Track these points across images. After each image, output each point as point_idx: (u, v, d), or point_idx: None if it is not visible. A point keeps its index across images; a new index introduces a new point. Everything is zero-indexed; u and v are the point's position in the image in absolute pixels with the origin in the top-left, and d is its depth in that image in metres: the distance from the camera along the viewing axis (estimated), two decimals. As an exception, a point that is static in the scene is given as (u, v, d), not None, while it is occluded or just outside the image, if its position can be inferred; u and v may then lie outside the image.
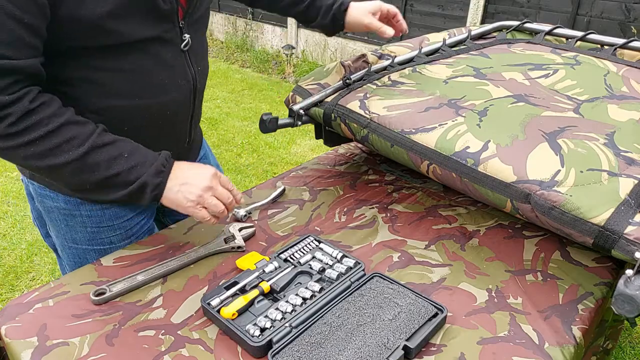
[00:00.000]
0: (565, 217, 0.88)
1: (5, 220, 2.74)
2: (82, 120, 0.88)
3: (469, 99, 1.19)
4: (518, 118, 1.10)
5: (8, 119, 0.80)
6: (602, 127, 1.08)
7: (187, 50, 1.01)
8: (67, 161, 0.85)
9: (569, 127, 1.07)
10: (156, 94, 0.98)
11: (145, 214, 1.16)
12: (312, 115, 1.31)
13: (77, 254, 1.11)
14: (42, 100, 0.84)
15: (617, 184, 0.90)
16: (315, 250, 1.02)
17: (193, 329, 0.85)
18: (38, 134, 0.83)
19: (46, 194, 1.06)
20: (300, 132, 4.01)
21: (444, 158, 1.03)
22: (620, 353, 1.94)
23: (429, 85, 1.28)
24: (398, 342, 0.79)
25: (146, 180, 0.91)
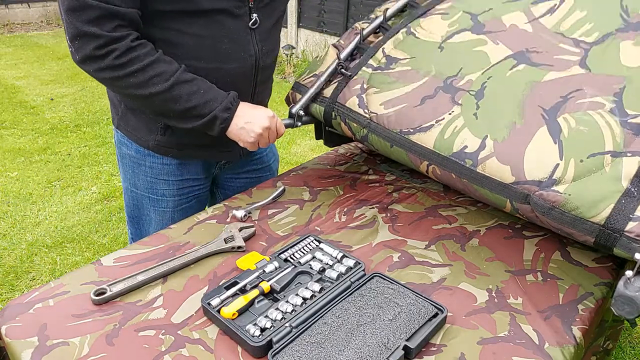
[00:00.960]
0: (565, 217, 0.88)
1: (5, 220, 2.74)
2: (169, 60, 1.06)
3: (465, 74, 1.11)
4: (517, 92, 1.02)
5: (115, 53, 0.98)
6: (610, 83, 0.97)
7: (254, 28, 1.14)
8: (157, 92, 1.03)
9: (573, 93, 0.98)
10: (220, 60, 1.11)
11: (199, 182, 1.34)
12: (312, 114, 1.30)
13: (135, 197, 1.33)
14: (140, 42, 1.02)
15: (620, 167, 0.86)
16: (316, 250, 1.02)
17: (193, 329, 0.85)
18: (136, 67, 1.01)
19: (124, 142, 1.27)
20: (300, 132, 4.01)
21: (443, 159, 1.03)
22: (620, 353, 1.94)
23: (424, 57, 1.19)
24: (398, 342, 0.79)
25: (216, 114, 1.09)
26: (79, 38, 0.97)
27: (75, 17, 0.94)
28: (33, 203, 2.92)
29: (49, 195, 3.01)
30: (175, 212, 1.32)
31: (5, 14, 8.05)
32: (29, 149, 3.62)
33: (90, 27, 0.95)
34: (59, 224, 2.73)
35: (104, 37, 0.96)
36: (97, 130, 3.99)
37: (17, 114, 4.29)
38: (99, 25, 0.96)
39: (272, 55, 1.24)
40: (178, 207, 1.32)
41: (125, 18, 0.98)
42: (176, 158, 1.26)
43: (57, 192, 3.05)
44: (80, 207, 2.90)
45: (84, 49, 0.98)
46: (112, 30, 0.97)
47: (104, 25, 0.96)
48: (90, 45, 0.97)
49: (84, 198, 2.99)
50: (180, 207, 1.33)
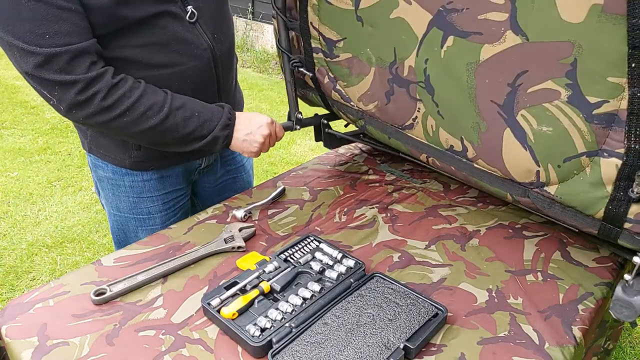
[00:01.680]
0: (566, 212, 0.88)
1: (5, 220, 2.74)
2: (154, 88, 1.03)
3: (402, 57, 1.04)
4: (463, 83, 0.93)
5: (99, 95, 0.94)
6: (556, 56, 0.79)
7: (195, 20, 1.08)
8: (152, 125, 1.01)
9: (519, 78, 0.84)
10: (174, 64, 1.07)
11: (181, 192, 1.30)
12: (312, 101, 1.30)
13: (120, 221, 1.27)
14: (120, 77, 0.98)
15: (599, 171, 0.81)
16: (316, 251, 1.02)
17: (193, 329, 0.85)
18: (126, 106, 0.97)
19: (99, 165, 1.21)
20: (301, 132, 4.01)
21: (440, 153, 1.03)
22: (621, 353, 1.94)
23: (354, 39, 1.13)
24: (398, 342, 0.79)
25: (217, 135, 1.08)
26: (57, 88, 0.92)
27: (45, 72, 0.90)
28: (33, 203, 2.92)
29: (49, 195, 3.01)
30: (164, 227, 1.25)
31: (5, 14, 8.04)
32: (29, 149, 3.62)
33: (63, 75, 0.91)
34: (59, 224, 2.73)
35: (81, 80, 0.92)
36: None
37: (17, 114, 4.29)
38: (71, 71, 0.91)
39: (228, 41, 1.19)
40: (166, 222, 1.28)
41: (91, 52, 0.94)
42: (157, 170, 1.21)
43: (57, 192, 3.05)
44: (80, 207, 2.90)
45: (66, 97, 0.93)
46: (87, 70, 0.92)
47: (76, 68, 0.91)
48: (70, 92, 0.92)
49: (84, 198, 2.99)
50: (168, 221, 1.29)
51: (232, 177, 1.43)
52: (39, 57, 0.89)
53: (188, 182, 1.32)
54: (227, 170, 1.41)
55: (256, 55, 6.26)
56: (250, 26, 6.69)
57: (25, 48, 0.88)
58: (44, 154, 3.55)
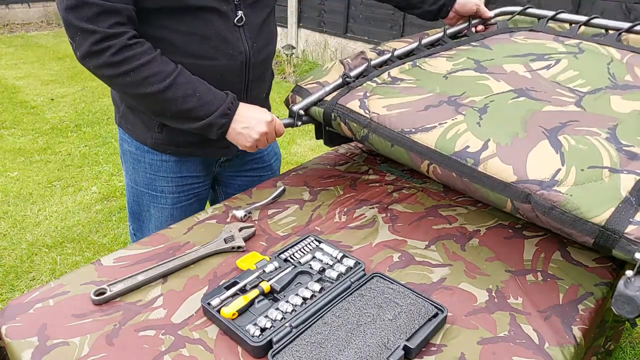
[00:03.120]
0: (565, 217, 0.88)
1: (5, 220, 2.74)
2: (166, 60, 1.06)
3: (469, 96, 1.17)
4: (519, 114, 1.09)
5: (110, 50, 0.99)
6: (604, 120, 1.05)
7: (241, 25, 1.13)
8: (152, 92, 1.04)
9: (571, 122, 1.05)
10: (209, 58, 1.12)
11: (199, 180, 1.35)
12: (312, 115, 1.31)
13: (136, 194, 1.35)
14: (137, 40, 1.03)
15: (618, 181, 0.90)
16: (316, 251, 1.02)
17: (193, 329, 0.85)
18: (131, 66, 1.01)
19: (124, 138, 1.29)
20: (300, 132, 4.00)
21: (444, 158, 1.03)
22: (621, 353, 1.94)
23: (429, 81, 1.27)
24: (398, 342, 0.79)
25: (212, 121, 1.09)
26: (78, 34, 0.98)
27: (74, 15, 0.96)
28: (33, 203, 2.92)
29: (49, 195, 3.01)
30: (174, 209, 1.33)
31: (5, 14, 8.06)
32: (29, 149, 3.62)
33: (87, 24, 0.97)
34: (59, 224, 2.73)
35: (99, 32, 0.98)
36: (97, 130, 3.99)
37: (17, 114, 4.29)
38: (96, 22, 0.97)
39: (265, 52, 1.23)
40: (177, 204, 1.33)
41: (122, 14, 0.99)
42: (174, 155, 1.27)
43: (57, 192, 3.05)
44: (80, 207, 2.90)
45: (83, 45, 0.99)
46: (109, 27, 0.98)
47: (101, 22, 0.97)
48: (87, 41, 0.98)
49: (84, 198, 2.99)
50: (180, 204, 1.33)
51: (258, 175, 1.47)
52: (73, 0, 0.95)
53: (208, 172, 1.36)
54: (254, 168, 1.45)
55: (256, 55, 6.23)
56: (250, 26, 6.63)
57: None
58: (44, 154, 3.55)
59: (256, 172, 1.46)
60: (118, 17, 0.99)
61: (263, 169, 1.47)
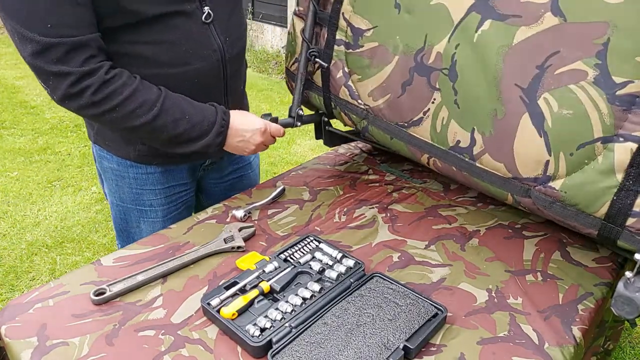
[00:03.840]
0: (567, 211, 0.87)
1: (5, 220, 2.74)
2: (148, 86, 1.02)
3: (432, 43, 1.03)
4: (490, 65, 0.92)
5: (90, 89, 0.94)
6: (590, 36, 0.81)
7: (210, 22, 1.08)
8: (141, 123, 1.00)
9: (550, 58, 0.85)
10: (183, 64, 1.07)
11: (185, 187, 1.31)
12: (313, 103, 1.30)
13: (123, 211, 1.29)
14: (115, 73, 0.98)
15: (611, 158, 0.81)
16: (315, 251, 1.02)
17: (193, 329, 0.85)
18: (116, 102, 0.97)
19: (103, 155, 1.23)
20: (300, 132, 4.01)
21: (442, 152, 1.03)
22: (620, 353, 1.94)
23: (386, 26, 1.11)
24: (398, 342, 0.79)
25: (209, 142, 1.08)
26: (51, 78, 0.93)
27: (41, 60, 0.91)
28: (33, 203, 2.92)
29: (49, 195, 3.01)
30: (165, 221, 1.29)
31: (5, 14, 8.04)
32: (29, 149, 3.62)
33: (59, 66, 0.91)
34: (58, 224, 2.73)
35: (74, 73, 0.92)
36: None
37: (17, 114, 4.29)
38: (67, 63, 0.92)
39: (239, 45, 1.19)
40: (167, 215, 1.29)
41: (91, 47, 0.94)
42: (160, 166, 1.22)
43: (57, 192, 3.05)
44: (80, 207, 2.90)
45: (59, 89, 0.94)
46: (82, 64, 0.93)
47: (72, 61, 0.92)
48: (63, 85, 0.93)
49: (83, 198, 2.99)
50: (170, 215, 1.30)
51: (239, 175, 1.44)
52: (37, 45, 0.89)
53: (193, 177, 1.33)
54: (235, 169, 1.42)
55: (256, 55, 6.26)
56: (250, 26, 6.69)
57: (26, 35, 0.89)
58: (43, 154, 3.55)
59: (237, 172, 1.43)
60: (88, 50, 0.93)
61: (243, 168, 1.44)
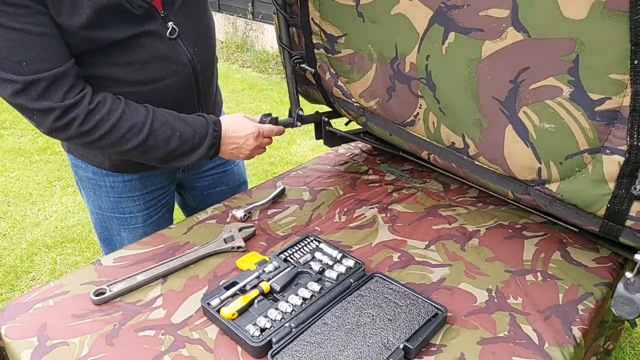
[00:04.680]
0: (568, 210, 0.88)
1: (5, 220, 2.74)
2: (135, 108, 1.01)
3: (404, 53, 1.04)
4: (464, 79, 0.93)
5: (77, 121, 0.93)
6: (558, 52, 0.79)
7: (175, 36, 1.05)
8: (132, 147, 1.00)
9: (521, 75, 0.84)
10: (154, 81, 1.05)
11: (164, 190, 1.29)
12: (314, 98, 1.30)
13: (102, 220, 1.26)
14: (98, 100, 0.96)
15: (601, 168, 0.82)
16: (315, 251, 1.02)
17: (193, 329, 0.85)
18: (104, 130, 0.96)
19: (79, 165, 1.20)
20: (300, 132, 4.01)
21: (441, 150, 1.03)
22: (620, 353, 1.94)
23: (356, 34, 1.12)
24: (398, 342, 0.79)
25: (202, 155, 1.07)
26: (35, 114, 0.92)
27: (22, 99, 0.89)
28: (33, 203, 2.92)
29: (49, 195, 3.01)
30: (146, 226, 1.27)
31: (5, 14, 8.03)
32: (29, 149, 3.62)
33: (41, 102, 0.90)
34: (59, 223, 2.73)
35: (58, 108, 0.91)
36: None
37: (17, 114, 4.28)
38: (49, 98, 0.90)
39: (209, 52, 1.16)
40: (148, 220, 1.27)
41: (69, 76, 0.92)
42: (136, 172, 1.20)
43: (57, 192, 3.05)
44: (80, 207, 2.90)
45: (45, 123, 0.93)
46: (64, 97, 0.91)
47: (53, 95, 0.90)
48: (48, 119, 0.92)
49: (84, 198, 2.99)
50: (151, 219, 1.28)
51: (222, 170, 1.41)
52: (16, 85, 0.88)
53: (171, 180, 1.31)
54: (217, 164, 1.40)
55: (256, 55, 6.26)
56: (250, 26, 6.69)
57: (3, 76, 0.87)
58: (43, 154, 3.55)
59: (220, 167, 1.41)
60: (68, 81, 0.92)
61: (227, 163, 1.42)
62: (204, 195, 1.38)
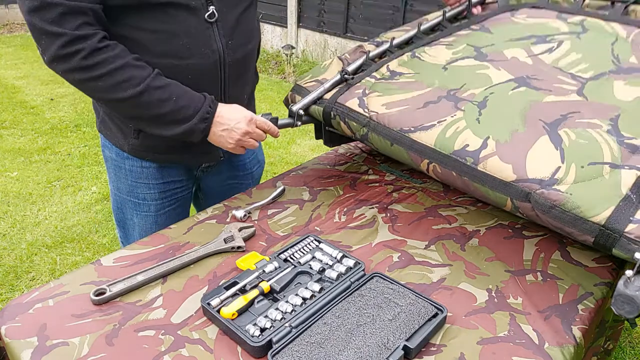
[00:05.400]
0: (565, 216, 0.88)
1: (5, 220, 2.74)
2: (141, 65, 1.02)
3: (468, 88, 1.15)
4: (519, 106, 1.06)
5: (81, 53, 0.95)
6: (606, 110, 1.03)
7: (213, 21, 1.08)
8: (125, 97, 1.00)
9: (572, 113, 1.03)
10: (179, 57, 1.07)
11: (181, 184, 1.31)
12: (312, 114, 1.31)
13: (119, 201, 1.31)
14: (108, 43, 0.98)
15: (618, 177, 0.89)
16: (315, 251, 1.02)
17: (193, 329, 0.85)
18: (104, 71, 0.97)
19: (105, 144, 1.26)
20: (300, 132, 4.01)
21: (444, 157, 1.03)
22: (620, 353, 1.94)
23: (428, 73, 1.24)
24: (398, 342, 0.79)
25: (192, 127, 1.06)
26: (44, 37, 0.94)
27: (37, 17, 0.92)
28: (33, 203, 2.92)
29: (49, 195, 3.01)
30: (158, 216, 1.29)
31: (5, 14, 8.06)
32: (29, 149, 3.62)
33: (53, 26, 0.92)
34: (59, 224, 2.73)
35: (67, 35, 0.93)
36: (97, 130, 3.98)
37: (17, 114, 4.29)
38: (61, 24, 0.92)
39: (243, 51, 1.17)
40: (160, 210, 1.29)
41: (88, 15, 0.94)
42: (154, 162, 1.23)
43: (57, 192, 3.05)
44: (80, 207, 2.90)
45: (50, 49, 0.94)
46: (76, 28, 0.93)
47: (67, 23, 0.92)
48: (54, 45, 0.94)
49: (83, 198, 2.99)
50: (163, 210, 1.30)
51: (238, 182, 1.43)
52: (35, 1, 0.91)
53: (190, 175, 1.32)
54: (235, 175, 1.42)
55: (256, 55, 6.24)
56: (250, 26, 6.64)
57: None
58: (43, 154, 3.55)
59: (236, 179, 1.43)
60: (85, 17, 0.94)
61: (244, 177, 1.44)
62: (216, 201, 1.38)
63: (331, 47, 5.74)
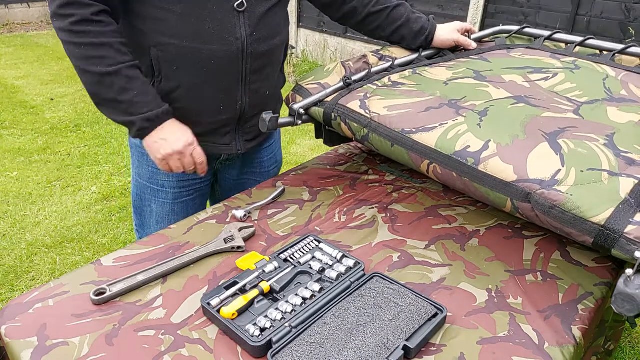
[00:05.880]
0: (565, 217, 0.88)
1: (5, 220, 2.74)
2: (123, 51, 1.06)
3: (469, 100, 1.18)
4: (518, 118, 1.10)
5: (71, 18, 1.01)
6: (601, 128, 1.07)
7: (242, 11, 1.10)
8: (92, 71, 1.04)
9: (569, 127, 1.07)
10: (202, 41, 1.10)
11: (200, 176, 1.32)
12: (312, 115, 1.31)
13: (139, 187, 1.35)
14: (102, 19, 1.03)
15: (617, 184, 0.90)
16: (315, 251, 1.02)
17: (193, 329, 0.85)
18: (84, 41, 1.02)
19: None
20: (300, 132, 4.01)
21: (445, 157, 1.03)
22: (620, 353, 1.94)
23: (430, 86, 1.27)
24: (398, 342, 0.79)
25: (135, 120, 1.08)
26: None
27: None
28: (33, 203, 2.92)
29: (48, 195, 3.01)
30: (175, 204, 1.33)
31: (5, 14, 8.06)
32: (29, 149, 3.62)
33: None
34: (58, 224, 2.73)
35: None
36: (97, 130, 3.99)
37: (17, 114, 4.29)
38: None
39: (267, 45, 1.19)
40: (178, 199, 1.33)
41: None
42: None
43: (57, 192, 3.05)
44: (80, 207, 2.90)
45: (53, 4, 1.02)
46: None
47: None
48: (56, 2, 1.01)
49: (83, 198, 2.99)
50: (181, 199, 1.33)
51: (254, 179, 1.46)
52: None
53: (209, 167, 1.34)
54: (252, 172, 1.45)
55: (256, 55, 6.24)
56: (250, 26, 6.64)
57: None
58: (43, 154, 3.55)
59: (253, 176, 1.46)
60: None
61: (261, 174, 1.47)
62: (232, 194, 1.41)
63: (331, 47, 5.74)
